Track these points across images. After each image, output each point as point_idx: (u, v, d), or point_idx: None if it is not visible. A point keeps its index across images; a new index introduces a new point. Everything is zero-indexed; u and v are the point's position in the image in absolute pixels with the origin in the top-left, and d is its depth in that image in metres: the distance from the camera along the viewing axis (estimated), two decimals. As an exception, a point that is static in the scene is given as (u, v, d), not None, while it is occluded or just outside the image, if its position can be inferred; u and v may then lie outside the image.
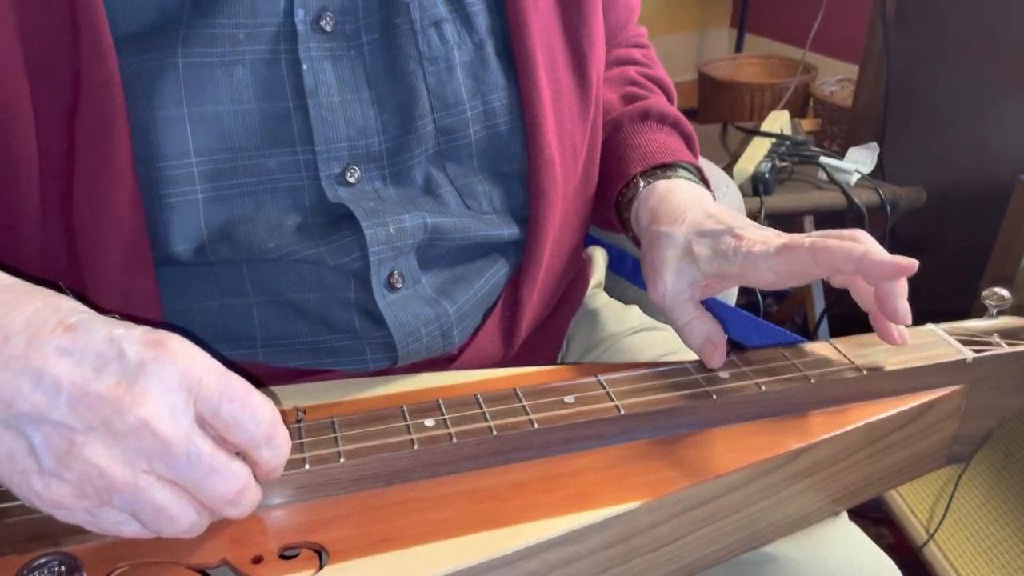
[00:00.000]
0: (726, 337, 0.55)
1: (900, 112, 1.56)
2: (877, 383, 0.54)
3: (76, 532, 0.41)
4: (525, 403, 0.50)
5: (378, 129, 0.54)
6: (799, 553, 0.54)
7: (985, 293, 0.60)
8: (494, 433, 0.48)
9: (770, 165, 1.41)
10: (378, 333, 0.56)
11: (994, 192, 1.28)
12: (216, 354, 0.40)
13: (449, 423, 0.48)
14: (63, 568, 0.39)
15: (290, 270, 0.54)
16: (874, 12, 1.58)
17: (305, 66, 0.52)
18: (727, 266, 0.54)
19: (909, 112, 1.57)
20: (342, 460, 0.45)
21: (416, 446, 0.47)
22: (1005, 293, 0.60)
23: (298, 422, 0.49)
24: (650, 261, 0.58)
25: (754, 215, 1.35)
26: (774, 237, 0.54)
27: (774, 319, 1.77)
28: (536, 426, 0.48)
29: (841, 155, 1.54)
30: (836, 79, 2.33)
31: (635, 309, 0.75)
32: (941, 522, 1.07)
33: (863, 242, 0.52)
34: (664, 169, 0.64)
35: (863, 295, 0.55)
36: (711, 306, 0.59)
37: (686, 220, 0.58)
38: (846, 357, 0.55)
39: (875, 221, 1.41)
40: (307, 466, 0.45)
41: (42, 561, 0.40)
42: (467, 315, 0.59)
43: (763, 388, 0.52)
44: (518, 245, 0.62)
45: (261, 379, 0.52)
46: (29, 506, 0.38)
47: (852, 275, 0.53)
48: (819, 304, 1.51)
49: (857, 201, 1.38)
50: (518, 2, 0.57)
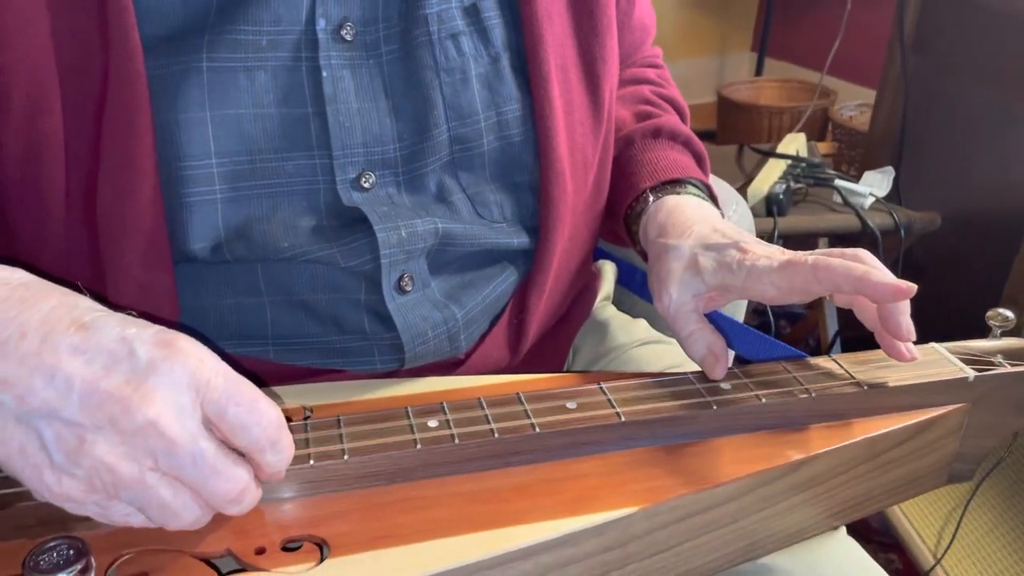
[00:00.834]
0: (728, 349, 0.55)
1: (916, 137, 1.56)
2: (878, 399, 0.54)
3: (84, 519, 0.42)
4: (527, 407, 0.51)
5: (394, 136, 0.56)
6: (796, 565, 0.54)
7: (989, 314, 0.60)
8: (496, 435, 0.49)
9: (784, 186, 1.42)
10: (387, 335, 0.57)
11: (1010, 217, 1.28)
12: (225, 353, 0.41)
13: (452, 424, 0.49)
14: (71, 552, 0.40)
15: (303, 270, 0.55)
16: (892, 37, 1.59)
17: (325, 73, 0.53)
18: (731, 279, 0.55)
19: (925, 137, 1.57)
20: (346, 457, 0.46)
21: (419, 446, 0.47)
22: (1009, 314, 0.60)
23: (305, 419, 0.50)
24: (656, 273, 0.59)
25: (767, 236, 1.36)
26: (778, 253, 0.55)
27: (787, 340, 1.76)
28: (538, 430, 0.49)
29: (858, 179, 1.55)
30: (855, 104, 2.33)
31: (642, 322, 0.76)
32: (949, 547, 1.06)
33: (865, 262, 0.52)
34: (674, 185, 0.65)
35: (866, 314, 0.55)
36: (717, 320, 0.59)
37: (693, 233, 0.59)
38: (848, 372, 0.55)
39: (889, 245, 1.41)
40: (312, 462, 0.46)
41: (51, 545, 0.41)
42: (474, 320, 0.60)
43: (763, 400, 0.52)
44: (527, 254, 0.63)
45: (270, 378, 0.53)
46: (39, 498, 0.39)
47: (852, 294, 0.54)
48: (832, 326, 1.51)
49: (871, 224, 1.38)
50: (534, 18, 0.58)
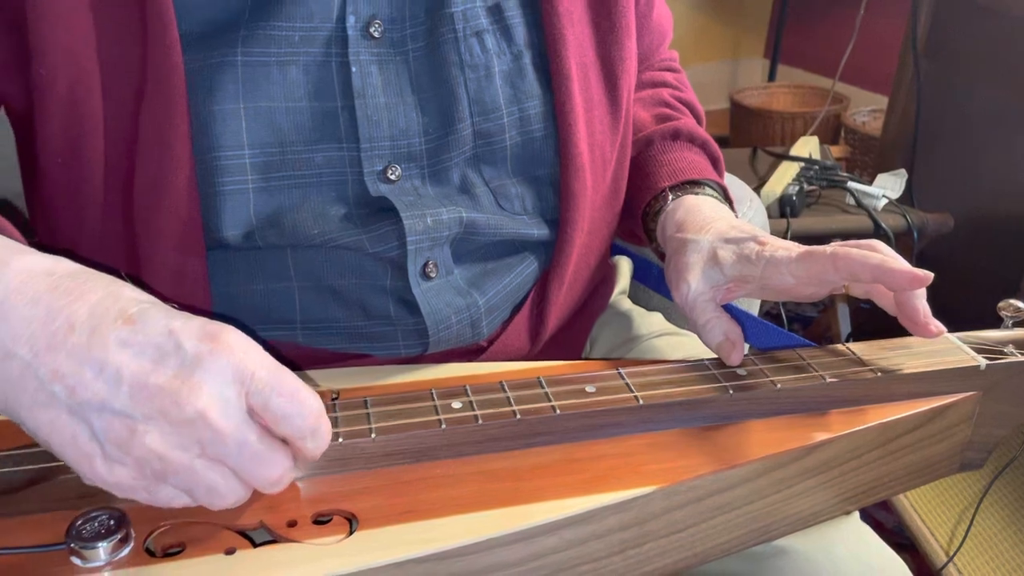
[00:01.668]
0: (743, 337, 0.57)
1: (929, 139, 1.57)
2: (892, 385, 0.56)
3: (123, 492, 0.43)
4: (548, 390, 0.52)
5: (419, 130, 0.58)
6: (810, 547, 0.55)
7: (1001, 305, 0.62)
8: (517, 417, 0.50)
9: (798, 188, 1.43)
10: (411, 320, 0.58)
11: (1022, 218, 1.28)
12: (257, 336, 0.42)
13: (475, 406, 0.51)
14: (112, 522, 0.42)
15: (331, 256, 0.57)
16: (904, 43, 1.60)
17: (354, 69, 0.55)
18: (750, 269, 0.56)
19: (938, 140, 1.58)
20: (373, 436, 0.48)
21: (443, 426, 0.49)
22: (1020, 304, 0.61)
23: (333, 400, 0.51)
24: (675, 265, 0.61)
25: (780, 236, 1.37)
26: (795, 246, 0.56)
27: (800, 344, 1.77)
28: (558, 412, 0.51)
29: (870, 183, 1.56)
30: (868, 109, 2.34)
31: (657, 315, 0.77)
32: (961, 545, 1.07)
33: (881, 252, 0.54)
34: (692, 185, 0.67)
35: (885, 301, 0.56)
36: (733, 312, 0.61)
37: (712, 229, 0.60)
38: (861, 359, 0.57)
39: (902, 246, 1.41)
40: (341, 440, 0.47)
41: (93, 515, 0.42)
42: (496, 308, 0.62)
43: (778, 386, 0.54)
44: (547, 245, 0.65)
45: (298, 361, 0.55)
46: (89, 483, 0.40)
47: (870, 283, 0.55)
48: (845, 328, 1.51)
49: (884, 226, 1.39)
50: (555, 19, 0.60)
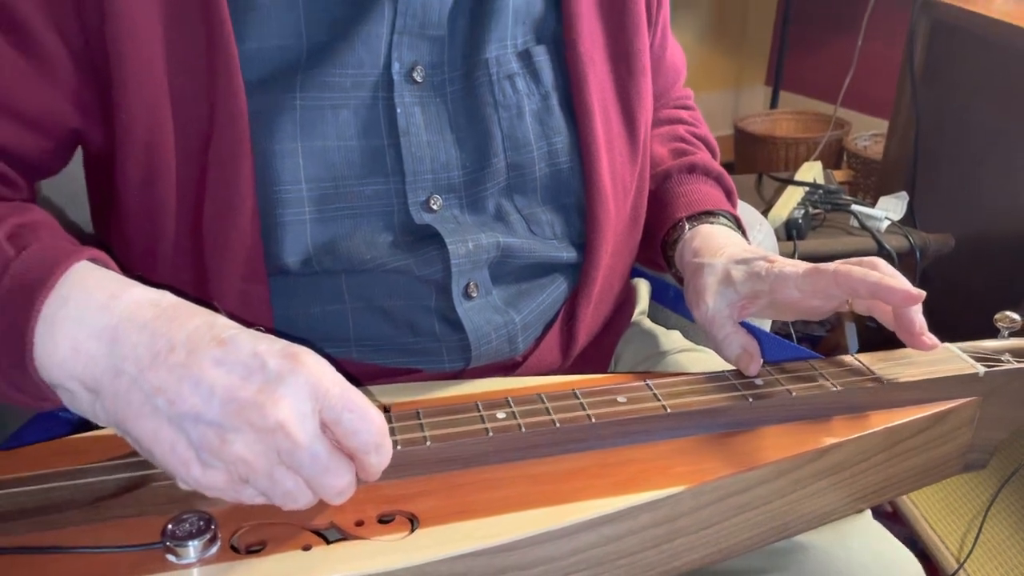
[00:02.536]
0: (760, 349, 0.62)
1: (929, 162, 1.63)
2: (897, 393, 0.60)
3: (204, 497, 0.48)
4: (583, 400, 0.57)
5: (458, 164, 0.64)
6: (826, 543, 0.60)
7: (997, 316, 0.67)
8: (557, 425, 0.55)
9: (803, 212, 1.48)
10: (455, 337, 0.64)
11: (1022, 237, 1.33)
12: (320, 353, 0.48)
13: (518, 415, 0.56)
14: (202, 523, 0.47)
15: (382, 280, 0.62)
16: (903, 69, 1.66)
17: (399, 110, 0.61)
18: (760, 285, 0.61)
19: (938, 162, 1.63)
20: (428, 443, 0.53)
21: (490, 434, 0.54)
22: (1016, 316, 0.66)
23: (386, 412, 0.57)
24: (693, 287, 0.66)
25: (788, 258, 1.42)
26: (803, 264, 0.62)
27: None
28: (593, 420, 0.56)
29: (873, 205, 1.61)
30: (870, 134, 2.40)
31: (676, 333, 0.82)
32: (971, 551, 1.10)
33: (880, 269, 0.59)
34: (707, 215, 0.73)
35: (885, 316, 0.61)
36: (748, 327, 0.66)
37: (725, 253, 0.66)
38: (868, 369, 0.62)
39: (906, 266, 1.46)
40: (399, 447, 0.52)
41: (185, 517, 0.48)
42: (530, 325, 0.67)
43: (793, 394, 0.59)
44: (576, 267, 0.70)
45: (355, 376, 0.60)
46: (184, 487, 0.46)
47: (870, 299, 0.60)
48: (852, 346, 1.56)
49: (888, 246, 1.44)
50: (578, 62, 0.66)
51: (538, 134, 0.66)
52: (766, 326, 1.01)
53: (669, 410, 0.57)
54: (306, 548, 0.47)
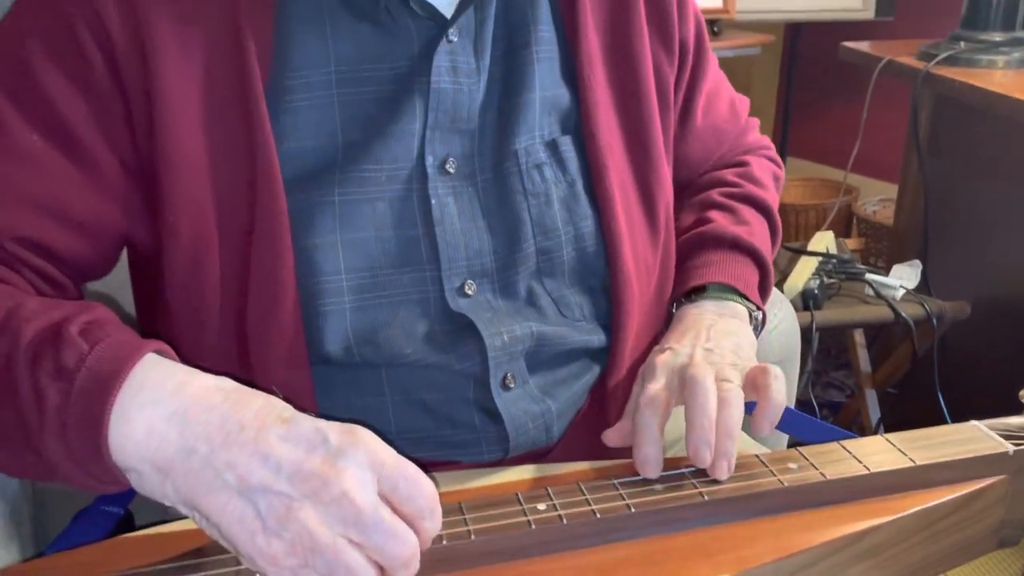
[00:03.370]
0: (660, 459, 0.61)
1: (940, 230, 1.65)
2: (929, 473, 0.61)
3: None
4: (622, 491, 0.58)
5: (490, 250, 0.66)
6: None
7: (1023, 393, 0.68)
8: (597, 516, 0.56)
9: (818, 282, 1.50)
10: (493, 428, 0.66)
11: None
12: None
13: (558, 507, 0.57)
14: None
15: (421, 373, 0.64)
16: (908, 140, 1.70)
17: (433, 200, 0.64)
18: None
19: (948, 230, 1.66)
20: (473, 536, 0.54)
21: (532, 526, 0.55)
22: (1040, 393, 0.67)
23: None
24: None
25: (806, 329, 1.43)
26: (660, 393, 0.62)
27: (831, 430, 1.81)
28: (632, 510, 0.57)
29: (886, 271, 1.63)
30: (877, 199, 2.43)
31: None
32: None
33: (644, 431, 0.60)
34: (694, 292, 0.74)
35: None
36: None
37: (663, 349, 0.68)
38: (899, 449, 0.63)
39: (923, 333, 1.48)
40: (444, 541, 0.54)
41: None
42: (564, 412, 0.69)
43: (827, 477, 0.60)
44: (605, 351, 0.72)
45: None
46: (247, 563, 0.47)
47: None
48: (874, 414, 1.56)
49: (904, 315, 1.46)
50: (597, 151, 0.70)
51: (565, 219, 0.69)
52: (792, 396, 1.02)
53: (707, 497, 0.58)
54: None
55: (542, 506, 0.57)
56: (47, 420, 0.48)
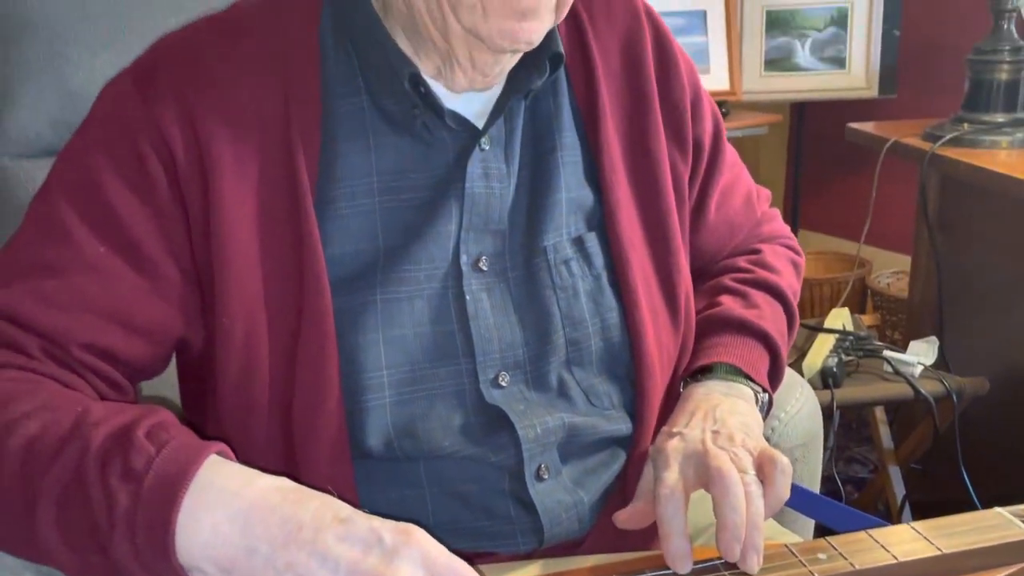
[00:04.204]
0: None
1: (955, 306, 1.67)
2: (956, 561, 0.63)
3: None
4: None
5: (522, 342, 0.70)
6: None
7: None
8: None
9: (836, 359, 1.52)
10: (528, 519, 0.68)
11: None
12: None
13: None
14: None
15: (458, 466, 0.67)
16: (918, 217, 1.73)
17: (468, 297, 0.68)
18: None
19: (964, 306, 1.68)
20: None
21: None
22: (1060, 479, 0.69)
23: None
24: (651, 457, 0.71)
25: (826, 407, 1.45)
26: (678, 484, 0.64)
27: (856, 506, 1.80)
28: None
29: (903, 345, 1.65)
30: (891, 271, 2.46)
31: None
32: None
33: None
34: (700, 372, 0.77)
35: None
36: (796, 493, 0.69)
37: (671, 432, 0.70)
38: (925, 538, 0.64)
39: (944, 410, 1.49)
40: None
41: None
42: (597, 502, 0.71)
43: (856, 567, 0.61)
44: (631, 439, 0.74)
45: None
46: None
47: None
48: (899, 491, 1.56)
49: (924, 391, 1.47)
50: (619, 244, 0.74)
51: (592, 311, 0.72)
52: (817, 479, 1.03)
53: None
54: None
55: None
56: (117, 522, 0.51)
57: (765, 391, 0.78)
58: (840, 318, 1.68)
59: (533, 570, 0.66)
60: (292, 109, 0.65)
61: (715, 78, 2.37)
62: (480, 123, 0.70)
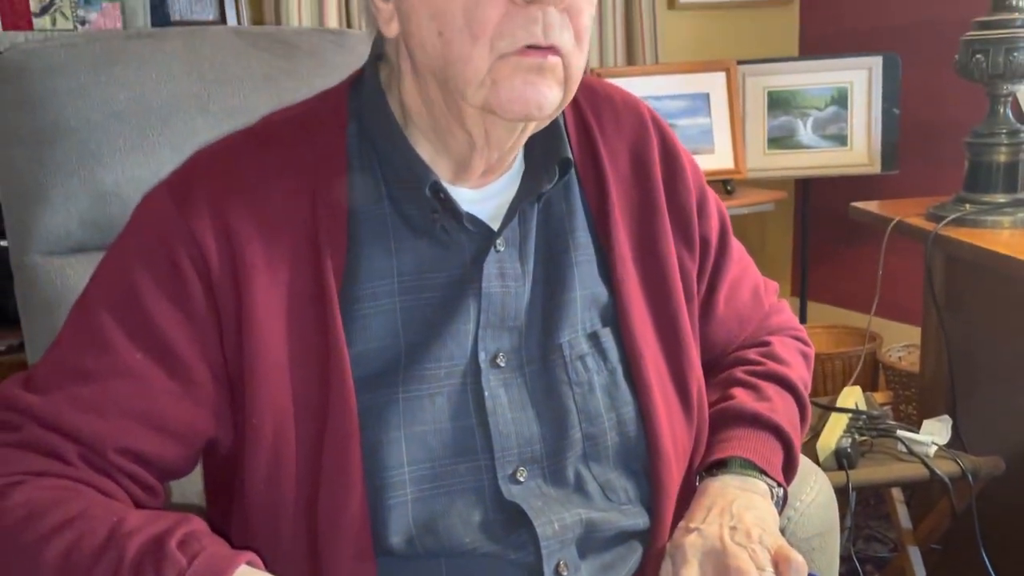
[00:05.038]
0: None
1: (967, 384, 1.67)
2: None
3: None
4: None
5: (539, 437, 0.71)
6: None
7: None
8: None
9: (850, 440, 1.52)
10: None
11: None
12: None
13: None
14: None
15: (478, 564, 0.68)
16: (926, 296, 1.75)
17: (486, 392, 0.70)
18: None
19: (976, 384, 1.68)
20: None
21: None
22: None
23: None
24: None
25: (841, 489, 1.44)
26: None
27: (876, 589, 1.77)
28: None
29: (916, 422, 1.64)
30: (902, 345, 2.46)
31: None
32: None
33: None
34: (715, 466, 0.78)
35: None
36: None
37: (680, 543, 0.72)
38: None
39: (960, 490, 1.47)
40: None
41: None
42: (614, 599, 0.72)
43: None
44: (648, 533, 0.75)
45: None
46: None
47: None
48: (920, 573, 1.53)
49: (939, 472, 1.46)
50: (632, 340, 0.76)
51: (607, 406, 0.74)
52: (835, 564, 1.02)
53: None
54: None
55: None
56: None
57: (780, 485, 0.78)
58: (853, 396, 1.68)
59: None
60: (320, 212, 0.68)
61: (720, 157, 2.43)
62: (495, 225, 0.73)
